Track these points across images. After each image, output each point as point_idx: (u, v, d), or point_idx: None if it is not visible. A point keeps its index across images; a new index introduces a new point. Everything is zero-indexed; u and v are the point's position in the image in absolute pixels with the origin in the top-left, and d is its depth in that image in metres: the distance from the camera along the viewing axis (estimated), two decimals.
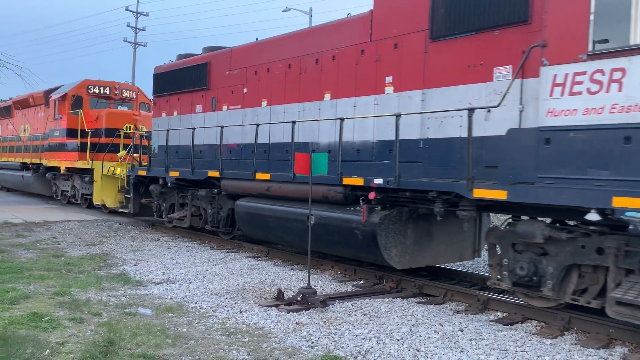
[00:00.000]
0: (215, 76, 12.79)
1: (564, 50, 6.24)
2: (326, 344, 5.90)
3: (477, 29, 7.61)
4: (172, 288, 8.27)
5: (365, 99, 9.32)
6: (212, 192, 12.20)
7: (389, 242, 8.43)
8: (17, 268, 9.08)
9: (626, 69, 5.74)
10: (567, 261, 6.59)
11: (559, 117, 6.25)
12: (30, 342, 5.44)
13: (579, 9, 6.11)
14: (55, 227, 14.58)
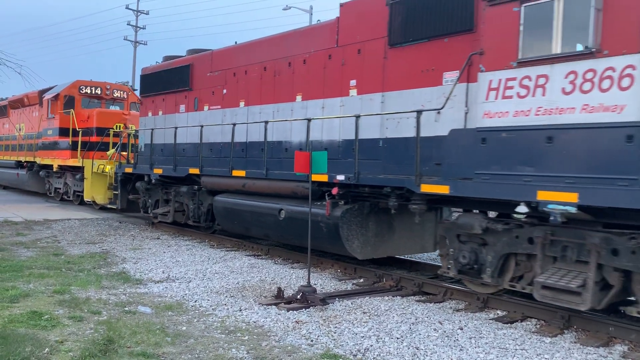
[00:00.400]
0: (198, 78, 13.40)
1: (498, 58, 6.86)
2: (326, 342, 5.90)
3: (429, 37, 8.21)
4: (172, 286, 8.29)
5: (332, 100, 9.93)
6: (193, 188, 12.84)
7: (350, 234, 9.05)
8: (17, 266, 9.10)
9: (549, 75, 6.37)
10: (503, 250, 7.22)
11: (494, 118, 6.87)
12: (29, 341, 5.44)
13: (510, 21, 6.73)
14: (55, 226, 14.64)
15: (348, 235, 9.01)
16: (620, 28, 5.83)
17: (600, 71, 5.94)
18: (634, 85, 5.70)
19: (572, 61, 6.17)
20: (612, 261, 6.18)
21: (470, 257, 7.51)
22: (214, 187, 12.02)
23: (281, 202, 10.19)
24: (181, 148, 13.40)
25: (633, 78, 5.70)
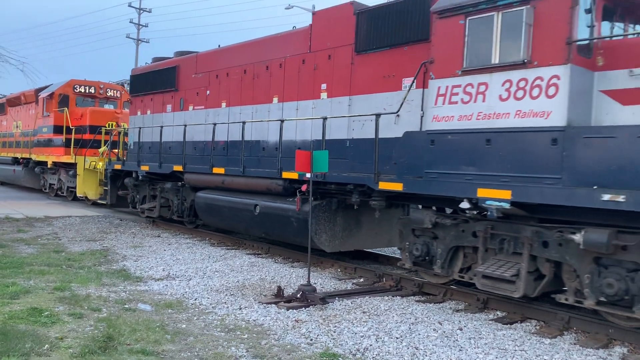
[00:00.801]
0: (183, 79, 14.01)
1: (445, 66, 7.48)
2: (325, 341, 5.92)
3: (391, 45, 8.83)
4: (172, 284, 8.30)
5: (305, 103, 10.55)
6: (177, 184, 13.47)
7: (319, 228, 9.66)
8: (18, 263, 9.12)
9: (488, 83, 6.99)
10: (452, 243, 7.84)
11: (441, 122, 7.49)
12: (29, 337, 5.46)
13: (456, 33, 7.34)
14: (56, 223, 14.65)
15: (316, 229, 9.62)
16: (547, 42, 6.45)
17: (531, 80, 6.56)
18: (558, 93, 6.31)
19: (507, 70, 6.79)
20: (543, 253, 6.81)
21: (423, 250, 8.13)
22: (196, 183, 12.65)
23: (256, 198, 10.82)
24: (167, 146, 14.01)
25: (557, 87, 6.32)
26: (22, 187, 26.12)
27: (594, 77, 6.55)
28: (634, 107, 6.23)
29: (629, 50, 6.36)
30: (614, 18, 6.96)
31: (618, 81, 6.37)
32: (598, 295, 6.28)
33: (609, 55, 6.47)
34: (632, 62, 6.26)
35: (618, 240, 6.06)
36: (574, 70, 6.28)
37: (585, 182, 6.04)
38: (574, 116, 6.28)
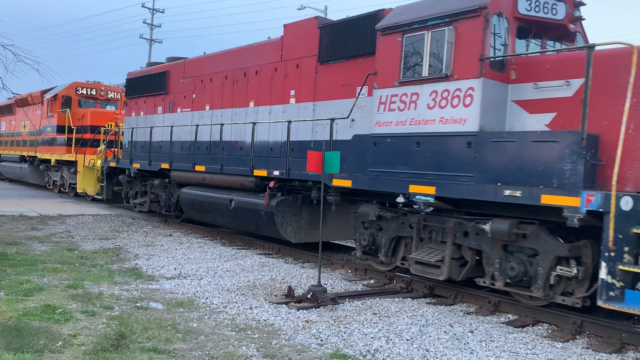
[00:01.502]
0: (173, 83, 15.10)
1: (386, 78, 8.50)
2: (335, 342, 5.94)
3: (348, 57, 9.84)
4: (183, 283, 8.37)
5: (277, 107, 11.59)
6: (165, 181, 14.57)
7: (285, 221, 10.71)
8: (32, 261, 9.22)
9: (419, 93, 8.00)
10: (393, 234, 8.85)
11: (382, 127, 8.51)
12: (43, 334, 5.51)
13: (395, 48, 8.36)
14: (69, 221, 14.83)
15: (282, 222, 10.67)
16: (465, 58, 7.45)
17: (452, 91, 7.56)
18: (473, 103, 7.31)
19: (434, 83, 7.80)
20: (465, 241, 7.80)
21: (369, 240, 9.15)
22: (181, 180, 13.74)
23: (232, 194, 11.89)
24: (157, 145, 15.11)
25: (472, 97, 7.32)
26: (34, 185, 26.91)
27: (508, 89, 7.54)
28: (538, 115, 7.22)
29: (534, 66, 7.34)
30: (529, 36, 7.94)
31: (526, 93, 7.37)
32: (505, 277, 7.28)
33: (519, 70, 7.47)
34: (537, 76, 7.25)
35: (519, 229, 7.05)
36: (487, 83, 7.27)
37: (492, 180, 7.04)
38: (485, 123, 7.28)
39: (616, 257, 6.05)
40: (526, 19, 7.68)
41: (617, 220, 6.02)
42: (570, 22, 7.85)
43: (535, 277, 6.99)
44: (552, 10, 7.69)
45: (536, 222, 6.98)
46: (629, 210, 6.09)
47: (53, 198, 21.41)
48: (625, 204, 6.07)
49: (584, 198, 6.11)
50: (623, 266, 6.05)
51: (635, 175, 6.46)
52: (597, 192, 6.13)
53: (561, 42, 8.33)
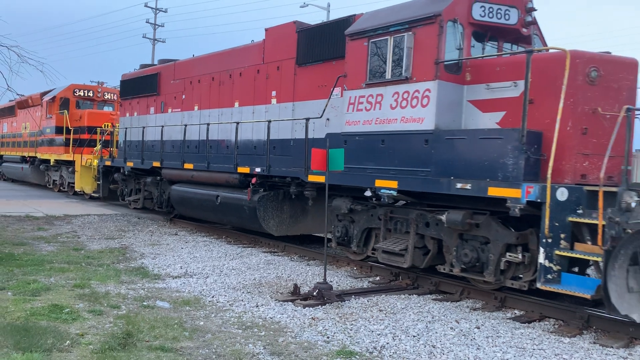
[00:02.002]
0: (164, 84, 15.72)
1: (354, 80, 9.10)
2: (342, 339, 5.95)
3: (323, 59, 10.43)
4: (189, 282, 8.39)
5: (260, 107, 12.20)
6: (156, 179, 15.21)
7: (267, 215, 11.33)
8: (39, 261, 9.24)
9: (383, 94, 8.60)
10: (364, 226, 9.46)
11: (351, 126, 9.12)
12: (51, 333, 5.52)
13: (362, 52, 8.95)
14: (75, 221, 14.88)
15: (264, 216, 11.29)
16: (423, 62, 8.04)
17: (412, 92, 8.16)
18: (429, 103, 7.91)
19: (396, 84, 8.39)
20: (426, 231, 8.41)
21: (343, 232, 9.77)
22: (171, 177, 14.38)
23: (218, 190, 12.51)
24: (150, 144, 15.75)
25: (429, 98, 7.92)
26: (37, 186, 27.16)
27: (463, 89, 8.13)
28: (490, 114, 7.82)
29: (486, 69, 7.93)
30: (485, 40, 8.52)
31: (479, 93, 7.96)
32: (461, 264, 7.89)
33: (474, 72, 8.06)
34: (489, 78, 7.85)
35: (472, 219, 7.66)
36: (442, 84, 7.87)
37: (446, 174, 7.65)
38: (441, 121, 7.88)
39: (553, 243, 6.65)
40: (481, 24, 8.25)
41: (553, 210, 6.62)
42: (522, 27, 8.41)
43: (487, 263, 7.60)
44: (505, 15, 8.26)
45: (487, 213, 7.58)
46: (564, 200, 6.68)
47: (58, 198, 21.51)
48: (561, 194, 6.67)
49: (524, 190, 6.71)
50: (559, 251, 6.65)
51: (574, 169, 7.06)
52: (535, 184, 6.72)
53: (517, 45, 8.90)
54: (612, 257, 6.06)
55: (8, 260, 9.12)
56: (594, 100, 7.10)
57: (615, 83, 7.21)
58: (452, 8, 7.94)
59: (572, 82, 6.97)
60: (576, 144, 7.06)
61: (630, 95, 7.32)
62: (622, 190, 6.35)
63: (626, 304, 6.09)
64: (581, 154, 7.07)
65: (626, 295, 6.17)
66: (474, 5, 8.11)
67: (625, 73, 7.30)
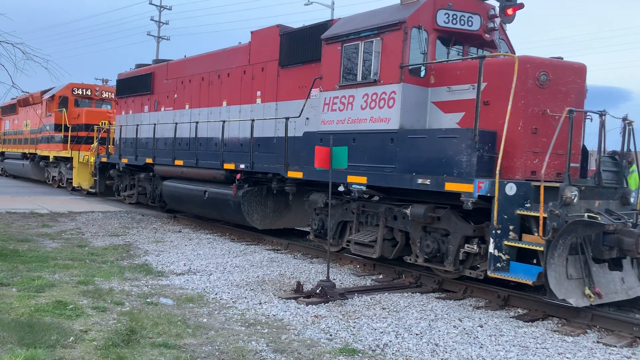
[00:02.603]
0: (157, 84, 16.32)
1: (329, 82, 9.66)
2: (345, 336, 5.97)
3: (303, 62, 10.98)
4: (193, 279, 8.43)
5: (246, 106, 12.77)
6: (149, 175, 15.81)
7: (250, 209, 11.91)
8: (43, 257, 9.28)
9: (355, 96, 9.16)
10: (339, 219, 10.03)
11: (327, 125, 9.68)
12: (55, 329, 5.53)
13: (336, 56, 9.51)
14: (79, 218, 14.97)
15: (248, 210, 11.88)
16: (389, 65, 8.59)
17: (380, 94, 8.72)
18: (395, 104, 8.47)
19: (366, 87, 8.95)
20: (394, 224, 8.97)
21: (319, 225, 10.35)
22: (163, 173, 14.98)
23: (206, 186, 13.11)
24: (144, 142, 16.35)
25: (394, 100, 8.48)
26: (40, 183, 27.36)
27: (428, 92, 8.68)
28: (451, 115, 8.37)
29: (448, 72, 8.47)
30: (450, 45, 9.06)
31: (442, 95, 8.51)
32: (424, 254, 8.45)
33: (437, 76, 8.61)
34: (450, 81, 8.40)
35: (434, 213, 8.22)
36: (406, 87, 8.43)
37: (409, 170, 8.21)
38: (406, 121, 8.43)
39: (502, 234, 7.21)
40: (445, 30, 8.80)
41: (502, 203, 7.17)
42: (485, 32, 8.96)
43: (447, 253, 8.16)
44: (468, 22, 8.81)
45: (448, 207, 8.14)
46: (513, 195, 7.24)
47: (62, 195, 21.57)
48: (509, 189, 7.22)
49: (475, 185, 7.26)
50: (508, 242, 7.21)
51: (524, 166, 7.62)
52: (486, 180, 7.28)
53: (483, 49, 9.45)
54: (552, 247, 6.63)
55: (13, 257, 9.19)
56: (544, 102, 7.64)
57: (564, 86, 7.76)
58: (417, 15, 8.49)
59: (523, 85, 7.53)
60: (526, 143, 7.61)
61: (578, 97, 7.87)
62: (564, 185, 6.91)
63: (564, 290, 6.66)
64: (531, 152, 7.61)
65: (565, 282, 6.74)
66: (439, 13, 8.66)
67: (573, 77, 7.84)
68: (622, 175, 7.90)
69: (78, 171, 20.62)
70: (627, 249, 7.01)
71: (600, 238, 7.07)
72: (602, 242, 7.07)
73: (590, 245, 7.02)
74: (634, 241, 6.95)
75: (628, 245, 6.99)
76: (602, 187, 7.49)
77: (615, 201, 7.87)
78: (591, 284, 6.86)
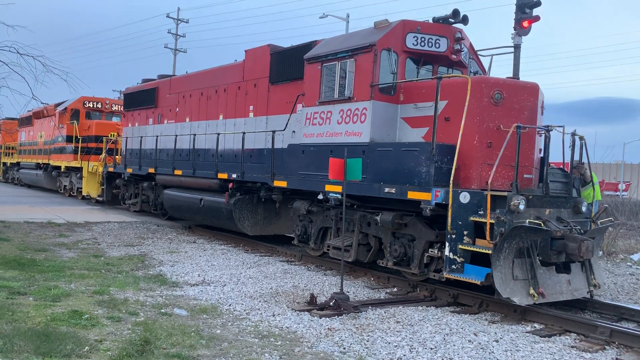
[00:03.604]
0: (161, 98, 17.26)
1: (310, 98, 10.46)
2: (358, 350, 5.92)
3: (290, 79, 11.80)
4: (207, 290, 8.49)
5: (240, 120, 13.62)
6: (152, 184, 16.71)
7: (242, 216, 12.71)
8: (59, 267, 9.39)
9: (332, 111, 9.95)
10: (320, 225, 10.78)
11: (308, 137, 10.47)
12: (70, 339, 5.57)
13: (316, 74, 10.31)
14: (95, 228, 15.15)
15: (240, 217, 12.68)
16: (361, 84, 9.37)
17: (353, 110, 9.50)
18: (366, 120, 9.24)
19: (342, 103, 9.74)
20: (368, 230, 9.70)
21: (302, 230, 11.11)
22: (164, 182, 15.87)
23: (202, 194, 13.94)
24: (148, 152, 17.27)
25: (366, 115, 9.25)
26: (55, 192, 28.03)
27: (397, 108, 9.44)
28: (417, 129, 9.11)
29: (414, 90, 9.23)
30: (419, 65, 9.82)
31: (409, 111, 9.26)
32: (393, 258, 9.16)
33: (405, 94, 9.37)
34: (416, 98, 9.15)
35: (401, 220, 8.94)
36: (376, 104, 9.20)
37: (378, 180, 8.95)
38: (376, 135, 9.19)
39: (457, 238, 7.91)
40: (414, 52, 9.57)
41: (456, 210, 7.88)
42: (451, 54, 9.70)
43: (412, 257, 8.87)
44: (436, 44, 9.57)
45: (413, 214, 8.86)
46: (466, 203, 7.94)
47: (79, 205, 21.80)
48: (463, 197, 7.93)
49: (433, 193, 7.98)
50: (462, 246, 7.91)
51: (480, 176, 8.32)
52: (442, 189, 8.00)
53: (453, 69, 10.18)
54: (497, 250, 7.32)
55: (30, 266, 9.35)
56: (498, 119, 8.36)
57: (518, 104, 8.47)
58: (387, 39, 9.27)
59: (479, 103, 8.27)
60: (482, 156, 8.32)
61: (531, 114, 8.58)
62: (511, 195, 7.61)
63: (509, 289, 7.34)
64: (486, 164, 8.31)
65: (511, 282, 7.43)
66: (408, 36, 9.44)
67: (526, 95, 8.55)
68: (571, 186, 8.57)
69: (87, 180, 21.63)
70: (571, 253, 7.71)
71: (549, 243, 7.77)
72: (550, 247, 7.78)
73: (537, 250, 7.70)
74: (577, 246, 7.65)
75: (572, 249, 7.69)
76: (551, 197, 8.16)
77: (567, 210, 8.54)
78: (536, 284, 7.54)
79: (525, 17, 14.70)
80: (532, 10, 14.62)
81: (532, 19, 14.74)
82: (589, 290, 8.16)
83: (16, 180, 34.76)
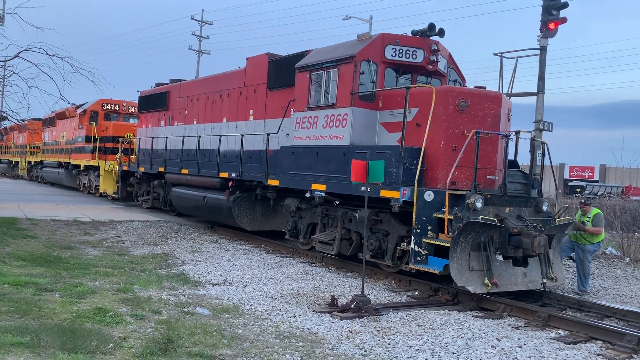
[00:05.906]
0: (172, 101, 18.34)
1: (300, 104, 11.37)
2: (379, 353, 5.90)
3: (285, 85, 12.73)
4: (228, 289, 8.56)
5: (241, 122, 14.59)
6: (162, 182, 17.80)
7: (240, 213, 13.67)
8: (84, 264, 9.54)
9: (319, 116, 10.85)
10: (309, 221, 11.69)
11: (298, 140, 11.39)
12: (95, 335, 5.66)
13: (305, 82, 11.22)
14: (120, 227, 15.37)
15: (238, 214, 13.65)
16: (343, 92, 10.25)
17: (336, 116, 10.38)
18: (347, 125, 10.12)
19: (327, 109, 10.63)
20: (350, 225, 10.57)
21: (292, 226, 12.03)
22: (172, 181, 16.94)
23: (206, 192, 14.96)
24: (159, 152, 18.37)
25: (347, 120, 10.13)
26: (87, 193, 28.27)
27: (377, 114, 10.30)
28: (393, 134, 9.95)
29: (391, 98, 10.07)
30: (398, 74, 10.66)
31: (386, 117, 10.11)
32: (370, 251, 10.02)
33: (384, 101, 10.22)
34: (393, 105, 10.00)
35: (377, 216, 9.79)
36: (356, 110, 10.07)
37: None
38: (356, 139, 10.06)
39: (421, 233, 8.74)
40: (393, 62, 10.41)
41: (421, 207, 8.72)
42: (428, 64, 10.53)
43: (386, 250, 9.72)
44: (413, 55, 10.41)
45: (388, 211, 9.71)
46: (431, 201, 8.78)
47: (104, 204, 22.10)
48: (428, 196, 8.77)
49: (401, 192, 8.84)
50: (426, 239, 8.74)
51: (445, 177, 9.11)
52: (409, 188, 8.84)
53: (432, 77, 11.01)
54: (454, 243, 8.14)
55: (56, 263, 9.57)
56: (463, 125, 9.17)
57: (482, 111, 9.27)
58: (366, 50, 10.14)
59: (445, 110, 9.09)
60: (447, 158, 9.14)
61: (495, 120, 9.37)
62: (469, 194, 8.42)
63: (465, 279, 8.16)
64: (451, 166, 9.11)
65: (467, 273, 8.24)
66: (387, 48, 10.29)
67: (490, 104, 9.35)
68: (529, 187, 9.34)
69: (104, 178, 22.86)
70: (525, 248, 8.50)
71: (506, 239, 8.57)
72: (508, 242, 8.58)
73: (494, 244, 8.50)
74: (530, 241, 8.43)
75: (526, 244, 8.47)
76: (509, 196, 8.94)
77: (529, 209, 9.31)
78: (490, 275, 8.33)
79: (551, 19, 14.46)
80: (558, 12, 14.43)
81: (559, 20, 14.50)
82: (542, 282, 8.91)
83: (40, 178, 36.34)
